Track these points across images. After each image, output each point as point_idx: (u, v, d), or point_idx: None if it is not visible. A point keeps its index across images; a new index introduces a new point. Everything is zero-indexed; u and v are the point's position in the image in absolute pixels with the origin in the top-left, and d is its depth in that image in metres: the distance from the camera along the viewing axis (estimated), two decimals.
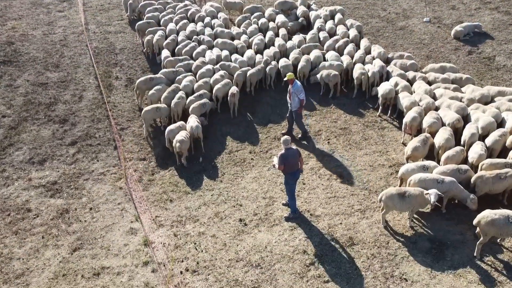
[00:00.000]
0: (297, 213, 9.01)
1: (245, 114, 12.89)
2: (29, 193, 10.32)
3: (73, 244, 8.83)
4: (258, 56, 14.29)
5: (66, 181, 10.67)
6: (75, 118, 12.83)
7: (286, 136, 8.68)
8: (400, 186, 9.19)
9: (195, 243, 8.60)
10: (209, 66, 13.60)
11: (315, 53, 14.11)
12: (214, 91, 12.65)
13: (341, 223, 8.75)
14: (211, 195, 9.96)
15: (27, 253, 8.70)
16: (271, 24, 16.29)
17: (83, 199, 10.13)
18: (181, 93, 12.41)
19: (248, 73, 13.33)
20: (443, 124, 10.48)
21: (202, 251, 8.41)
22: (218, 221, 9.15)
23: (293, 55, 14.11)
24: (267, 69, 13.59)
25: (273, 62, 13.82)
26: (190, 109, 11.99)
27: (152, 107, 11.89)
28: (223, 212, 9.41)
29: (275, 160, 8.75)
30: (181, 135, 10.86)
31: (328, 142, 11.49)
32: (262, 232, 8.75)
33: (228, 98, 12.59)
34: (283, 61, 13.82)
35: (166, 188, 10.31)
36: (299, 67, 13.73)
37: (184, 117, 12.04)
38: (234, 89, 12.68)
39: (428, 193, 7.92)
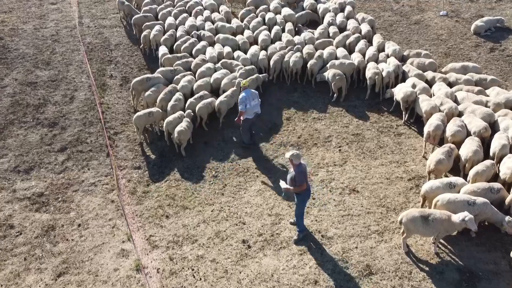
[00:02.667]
0: (305, 231, 8.09)
1: None
2: (13, 206, 9.42)
3: (57, 268, 7.93)
4: (262, 53, 13.28)
5: (53, 193, 9.76)
6: (65, 121, 11.89)
7: (295, 151, 7.69)
8: (422, 204, 8.23)
9: (192, 269, 7.69)
10: (210, 65, 12.60)
11: (328, 49, 13.08)
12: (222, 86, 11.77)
13: (356, 247, 7.81)
14: (211, 211, 9.03)
15: (7, 278, 7.81)
16: (278, 18, 15.20)
17: (71, 214, 9.22)
18: (178, 95, 11.42)
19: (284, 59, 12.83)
20: (468, 133, 9.47)
21: (200, 279, 7.49)
22: (219, 242, 8.23)
23: (306, 50, 13.08)
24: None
25: (298, 53, 13.00)
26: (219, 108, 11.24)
27: (145, 112, 10.92)
28: (225, 231, 8.48)
29: (283, 184, 7.79)
30: (181, 126, 10.36)
31: (340, 150, 10.51)
32: (268, 256, 7.83)
33: None
34: (294, 56, 12.80)
35: (162, 201, 9.39)
36: (309, 64, 12.74)
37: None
38: None
39: (464, 220, 6.90)
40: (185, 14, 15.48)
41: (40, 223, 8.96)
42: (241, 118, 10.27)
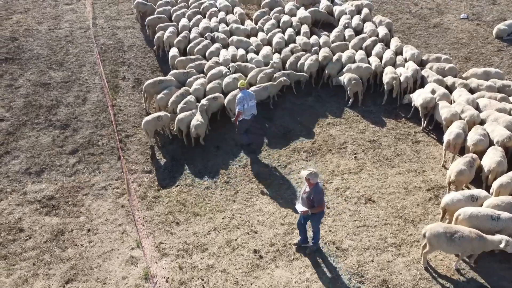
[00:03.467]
0: (318, 244, 7.82)
1: (261, 121, 11.67)
2: (23, 209, 9.34)
3: (66, 275, 7.80)
4: (276, 56, 13.04)
5: (64, 196, 9.66)
6: (77, 123, 11.81)
7: (313, 169, 7.28)
8: (442, 217, 7.88)
9: (202, 279, 7.48)
10: (222, 67, 12.40)
11: (347, 53, 12.78)
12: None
13: (372, 261, 7.51)
14: (222, 218, 8.82)
15: (15, 283, 7.71)
16: (293, 20, 14.94)
17: (81, 218, 9.10)
18: (189, 98, 11.25)
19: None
20: (490, 142, 9.08)
21: None
22: (230, 252, 8.01)
23: (322, 53, 12.81)
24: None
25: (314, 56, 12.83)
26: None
27: (153, 116, 10.77)
28: (236, 240, 8.26)
29: (300, 207, 7.33)
30: (197, 120, 10.54)
31: (355, 157, 10.21)
32: (280, 268, 7.58)
33: None
34: (309, 60, 12.54)
35: (172, 207, 9.21)
36: (327, 66, 12.48)
37: None
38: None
39: (508, 246, 6.52)
40: (199, 16, 15.32)
41: (49, 227, 8.86)
42: (239, 118, 10.22)
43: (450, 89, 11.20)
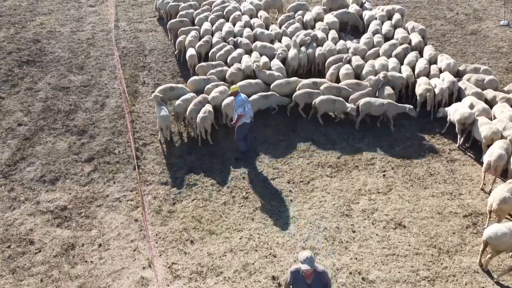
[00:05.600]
0: None
1: (285, 132, 11.08)
2: (35, 219, 9.04)
3: None
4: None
5: (77, 207, 9.32)
6: (94, 130, 11.50)
7: (305, 255, 5.38)
8: (483, 251, 7.09)
9: None
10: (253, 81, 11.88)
11: (380, 60, 12.07)
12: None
13: None
14: (240, 239, 8.27)
15: None
16: (319, 25, 14.30)
17: (93, 232, 8.72)
18: (208, 107, 10.75)
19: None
20: None
21: None
22: (246, 277, 7.45)
23: (356, 62, 12.14)
24: None
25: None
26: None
27: (168, 111, 10.58)
28: (253, 264, 7.69)
29: None
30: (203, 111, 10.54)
31: (384, 175, 9.49)
32: None
33: None
34: (344, 69, 11.90)
35: (187, 224, 8.73)
36: (363, 72, 11.81)
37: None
38: None
39: None
40: (222, 20, 14.84)
41: (60, 240, 8.52)
42: (239, 122, 9.88)
43: (490, 103, 10.33)
